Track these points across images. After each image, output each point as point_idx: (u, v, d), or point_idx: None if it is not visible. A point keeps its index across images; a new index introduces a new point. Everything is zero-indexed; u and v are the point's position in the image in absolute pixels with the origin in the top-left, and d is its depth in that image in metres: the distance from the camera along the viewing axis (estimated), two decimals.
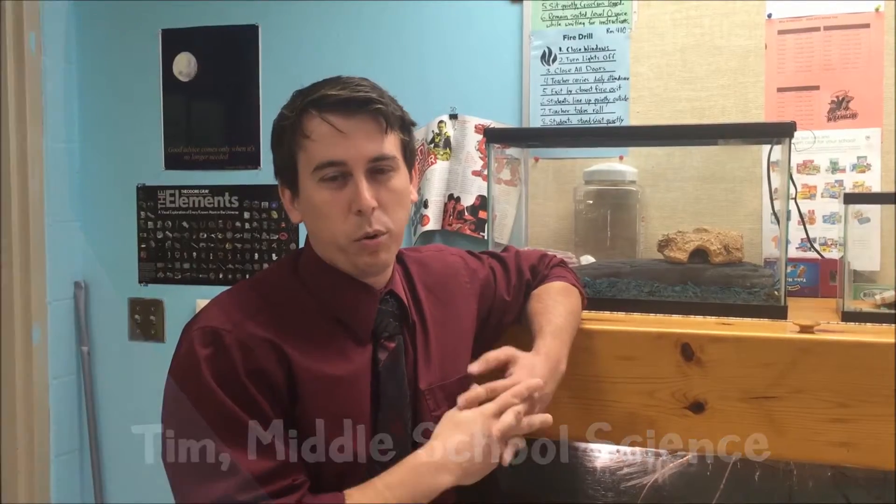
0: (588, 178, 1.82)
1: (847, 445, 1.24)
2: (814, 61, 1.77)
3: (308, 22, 2.11)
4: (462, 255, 1.36)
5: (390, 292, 1.16)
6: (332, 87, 1.07)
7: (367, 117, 1.06)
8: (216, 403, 0.98)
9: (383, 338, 1.14)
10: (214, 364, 1.00)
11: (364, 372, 1.11)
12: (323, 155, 1.05)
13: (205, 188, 2.23)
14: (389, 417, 1.12)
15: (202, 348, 1.01)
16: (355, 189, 1.05)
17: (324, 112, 1.05)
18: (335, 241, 1.08)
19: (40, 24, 2.18)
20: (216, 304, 1.08)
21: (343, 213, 1.06)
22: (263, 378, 1.01)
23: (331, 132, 1.05)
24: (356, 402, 1.09)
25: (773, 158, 1.68)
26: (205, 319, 1.04)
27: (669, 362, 1.31)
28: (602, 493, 1.45)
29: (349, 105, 1.05)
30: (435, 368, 1.19)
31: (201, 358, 1.00)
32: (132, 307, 2.30)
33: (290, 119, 1.08)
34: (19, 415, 2.18)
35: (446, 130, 2.01)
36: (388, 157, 1.08)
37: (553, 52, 1.94)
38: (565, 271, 1.43)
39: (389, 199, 1.08)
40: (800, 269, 1.76)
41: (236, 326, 1.02)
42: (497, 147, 1.79)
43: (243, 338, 1.01)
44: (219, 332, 1.01)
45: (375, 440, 1.10)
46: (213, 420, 0.98)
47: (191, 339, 1.03)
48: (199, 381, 0.99)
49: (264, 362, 1.02)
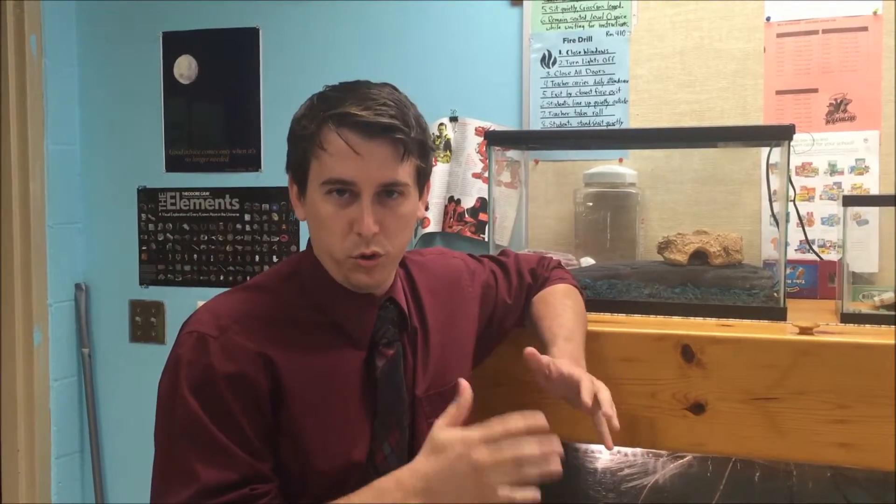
0: (588, 181, 1.83)
1: (847, 446, 1.25)
2: (812, 64, 1.78)
3: (309, 24, 2.12)
4: (463, 258, 1.36)
5: (390, 299, 1.15)
6: (357, 103, 1.04)
7: (385, 143, 1.03)
8: (186, 410, 0.99)
9: (381, 344, 1.13)
10: (193, 369, 1.00)
11: (356, 378, 1.10)
12: (335, 171, 1.04)
13: (205, 190, 2.23)
14: (387, 425, 1.11)
15: (187, 352, 1.01)
16: (359, 212, 1.04)
17: (342, 129, 1.03)
18: (332, 254, 1.08)
19: (41, 27, 2.19)
20: (208, 307, 1.08)
21: (344, 229, 1.05)
22: (243, 384, 1.00)
23: (346, 151, 1.03)
24: (347, 409, 1.08)
25: (772, 161, 1.68)
26: (195, 323, 1.05)
27: (670, 364, 1.32)
28: (603, 493, 1.46)
29: (371, 129, 1.03)
30: (433, 374, 1.18)
31: (183, 362, 1.01)
32: (133, 309, 2.30)
33: (310, 129, 1.06)
34: (20, 416, 2.19)
35: (447, 133, 2.01)
36: (400, 183, 1.06)
37: (553, 55, 1.95)
38: (564, 272, 1.44)
39: (393, 223, 1.07)
40: (799, 270, 1.77)
41: (223, 333, 1.02)
42: (497, 149, 1.80)
43: (227, 345, 1.01)
44: (205, 337, 1.02)
45: (373, 447, 1.09)
46: (181, 427, 0.99)
47: (180, 341, 1.04)
48: (176, 386, 1.00)
49: (246, 368, 1.01)
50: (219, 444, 0.98)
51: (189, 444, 0.98)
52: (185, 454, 0.98)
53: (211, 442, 0.98)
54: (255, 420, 1.01)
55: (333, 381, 1.08)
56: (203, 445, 0.98)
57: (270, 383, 1.03)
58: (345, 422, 1.07)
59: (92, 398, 2.31)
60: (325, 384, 1.07)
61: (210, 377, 0.99)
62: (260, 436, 1.01)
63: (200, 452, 0.98)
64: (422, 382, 1.17)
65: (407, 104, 1.09)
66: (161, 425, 1.02)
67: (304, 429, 1.04)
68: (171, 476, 0.99)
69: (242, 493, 0.97)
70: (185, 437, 0.99)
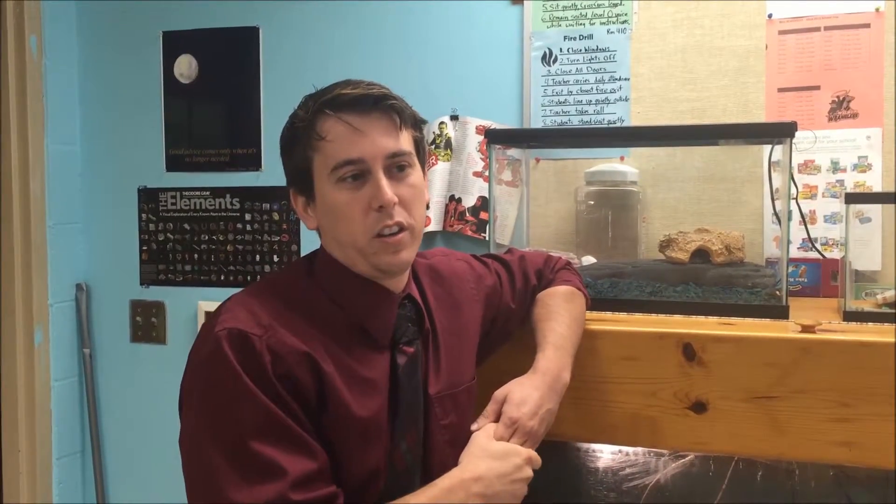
0: (589, 179, 1.82)
1: (849, 445, 1.24)
2: (814, 61, 1.77)
3: (309, 24, 2.12)
4: (468, 259, 1.35)
5: (408, 296, 1.15)
6: (344, 87, 1.06)
7: (381, 114, 1.06)
8: (258, 405, 0.95)
9: (402, 343, 1.12)
10: (248, 364, 0.96)
11: (385, 378, 1.09)
12: (340, 154, 1.04)
13: (206, 190, 2.23)
14: (406, 424, 1.10)
15: (233, 351, 0.96)
16: (375, 185, 1.04)
17: (339, 111, 1.04)
18: (355, 242, 1.06)
19: (41, 27, 2.19)
20: (240, 304, 1.03)
21: (363, 211, 1.05)
22: (293, 385, 0.98)
23: (347, 131, 1.04)
24: (379, 409, 1.07)
25: (774, 158, 1.68)
26: (231, 320, 0.99)
27: (671, 363, 1.31)
28: (604, 493, 1.45)
29: (364, 103, 1.05)
30: (444, 376, 1.17)
31: (234, 360, 0.96)
32: (134, 309, 2.30)
33: (304, 122, 1.06)
34: (21, 417, 2.19)
35: (447, 131, 2.01)
36: (405, 152, 1.07)
37: (554, 53, 1.94)
38: (571, 274, 1.42)
39: (409, 194, 1.07)
40: (801, 268, 1.76)
41: (266, 331, 0.99)
42: (498, 148, 1.80)
43: (274, 345, 0.98)
44: (248, 336, 0.97)
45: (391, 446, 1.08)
46: (257, 421, 0.94)
47: (217, 338, 0.98)
48: (237, 382, 0.95)
49: (295, 370, 0.99)
50: (296, 435, 0.96)
51: (265, 438, 0.94)
52: (260, 448, 0.93)
53: (288, 433, 0.95)
54: (309, 419, 0.99)
55: (366, 382, 1.06)
56: (281, 437, 0.95)
57: (317, 384, 1.01)
58: (373, 422, 1.06)
59: (93, 398, 2.31)
60: (359, 386, 1.05)
61: (266, 374, 0.96)
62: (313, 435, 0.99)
63: (279, 444, 0.94)
64: (434, 383, 1.16)
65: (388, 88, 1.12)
66: (221, 423, 0.96)
67: (341, 430, 1.03)
68: (251, 471, 0.93)
69: (330, 490, 0.97)
70: (259, 432, 0.94)
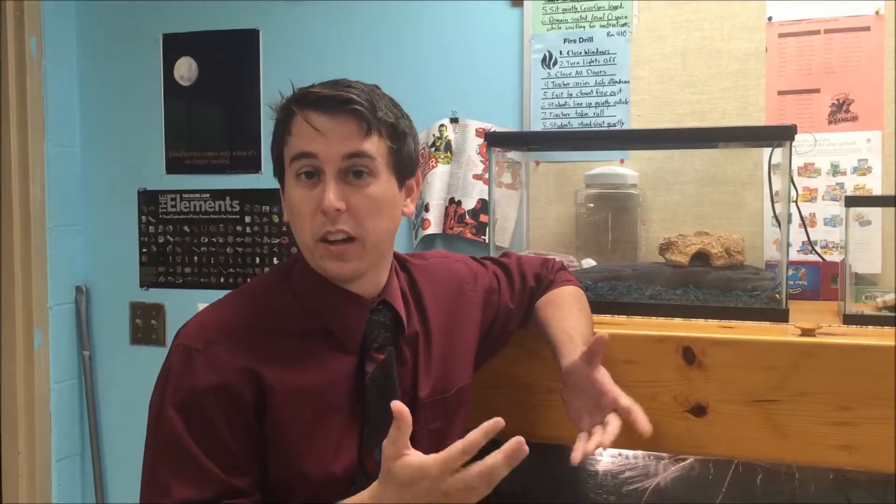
0: (589, 182, 1.82)
1: (849, 448, 1.24)
2: (814, 64, 1.77)
3: (309, 26, 2.12)
4: (466, 261, 1.34)
5: (383, 302, 1.13)
6: (322, 86, 1.06)
7: (346, 118, 1.03)
8: (168, 426, 1.00)
9: (373, 349, 1.10)
10: (178, 383, 1.01)
11: (346, 384, 1.08)
12: (296, 148, 1.04)
13: (206, 192, 2.23)
14: (378, 431, 1.07)
15: (173, 365, 1.03)
16: (322, 188, 1.03)
17: (304, 109, 1.04)
18: (304, 243, 1.07)
19: (41, 29, 2.19)
20: (201, 317, 1.09)
21: (311, 212, 1.04)
22: (226, 395, 1.01)
23: (308, 129, 1.04)
24: (334, 417, 1.07)
25: (773, 161, 1.68)
26: (184, 336, 1.06)
27: (671, 366, 1.31)
28: (604, 496, 1.45)
29: (328, 103, 1.03)
30: (436, 379, 1.17)
31: (169, 376, 1.03)
32: (133, 311, 2.30)
33: (279, 115, 1.08)
34: (21, 419, 2.19)
35: (447, 134, 2.01)
36: (362, 155, 1.03)
37: (553, 56, 1.94)
38: (569, 275, 1.42)
39: (363, 204, 1.04)
40: (801, 271, 1.76)
41: (208, 346, 1.03)
42: (498, 150, 1.79)
43: (212, 358, 1.02)
44: (191, 350, 1.03)
45: (363, 454, 1.08)
46: (162, 442, 1.01)
47: (170, 353, 1.05)
48: (161, 400, 1.02)
49: (230, 380, 1.01)
50: (196, 460, 0.99)
51: (167, 460, 1.00)
52: (163, 469, 1.00)
53: (187, 458, 0.99)
54: (239, 433, 1.01)
55: (320, 389, 1.06)
56: (179, 461, 0.99)
57: (255, 394, 1.03)
58: (331, 430, 1.06)
59: (92, 400, 2.31)
60: (312, 392, 1.05)
61: (194, 392, 1.00)
62: (244, 448, 1.01)
63: (177, 468, 0.99)
64: (424, 386, 1.15)
65: (380, 94, 1.09)
66: (147, 438, 1.04)
67: (289, 438, 1.04)
68: (150, 489, 1.01)
69: None
70: (165, 453, 1.00)
